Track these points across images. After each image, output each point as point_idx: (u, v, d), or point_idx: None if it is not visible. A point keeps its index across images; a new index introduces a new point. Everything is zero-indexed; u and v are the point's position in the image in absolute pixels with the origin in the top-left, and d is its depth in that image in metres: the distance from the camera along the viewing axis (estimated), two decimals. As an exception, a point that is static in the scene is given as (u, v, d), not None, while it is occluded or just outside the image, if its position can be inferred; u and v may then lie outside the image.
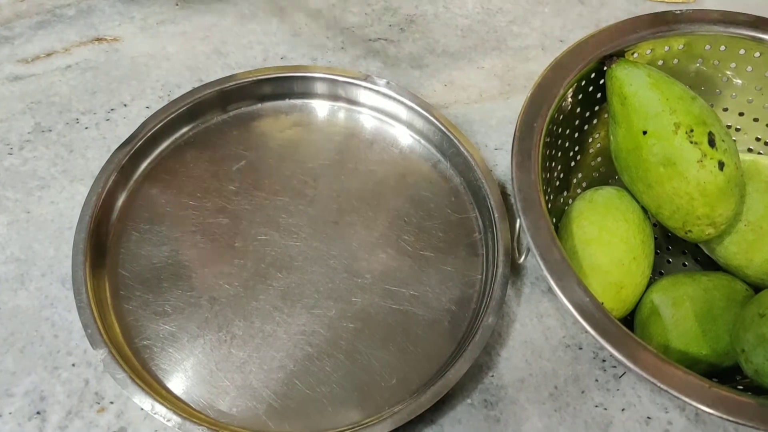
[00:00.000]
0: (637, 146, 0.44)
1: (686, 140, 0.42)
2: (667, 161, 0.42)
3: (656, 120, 0.43)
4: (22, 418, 0.44)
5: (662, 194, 0.44)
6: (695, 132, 0.42)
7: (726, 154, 0.43)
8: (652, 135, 0.43)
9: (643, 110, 0.43)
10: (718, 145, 0.42)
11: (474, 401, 0.46)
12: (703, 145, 0.42)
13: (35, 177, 0.54)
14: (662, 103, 0.43)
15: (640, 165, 0.44)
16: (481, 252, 0.51)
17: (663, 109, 0.43)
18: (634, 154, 0.44)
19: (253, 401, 0.45)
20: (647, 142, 0.43)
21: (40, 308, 0.48)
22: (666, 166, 0.42)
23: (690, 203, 0.43)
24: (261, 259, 0.50)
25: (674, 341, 0.44)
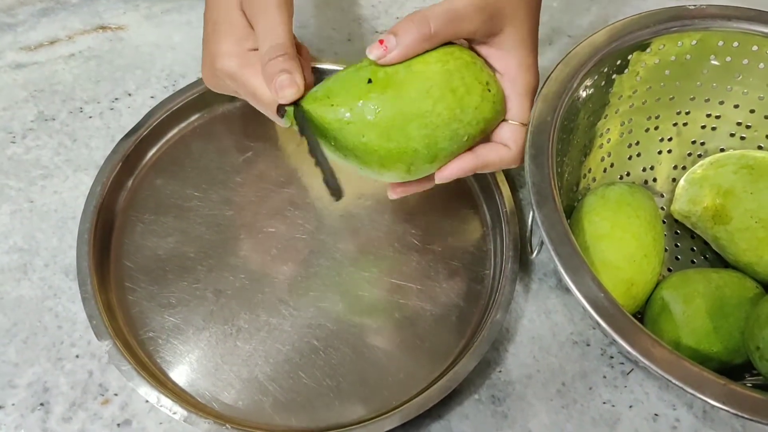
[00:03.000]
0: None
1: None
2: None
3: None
4: (25, 410, 0.44)
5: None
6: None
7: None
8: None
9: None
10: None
11: (481, 397, 0.46)
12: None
13: (38, 166, 0.54)
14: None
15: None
16: (489, 247, 0.51)
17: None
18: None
19: (258, 394, 0.44)
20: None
21: (44, 299, 0.48)
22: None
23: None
24: (267, 252, 0.49)
25: (685, 338, 0.43)
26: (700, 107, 0.52)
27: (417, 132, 0.39)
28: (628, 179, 0.54)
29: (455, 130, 0.40)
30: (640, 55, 0.48)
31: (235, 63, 0.42)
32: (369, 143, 0.39)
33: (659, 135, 0.53)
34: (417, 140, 0.40)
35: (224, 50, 0.42)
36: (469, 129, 0.41)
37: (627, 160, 0.53)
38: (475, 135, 0.42)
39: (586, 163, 0.51)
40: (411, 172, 0.42)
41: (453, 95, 0.40)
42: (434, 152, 0.40)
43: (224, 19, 0.43)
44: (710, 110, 0.52)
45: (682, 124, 0.53)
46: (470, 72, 0.41)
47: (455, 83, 0.40)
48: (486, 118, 0.41)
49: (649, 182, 0.54)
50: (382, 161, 0.40)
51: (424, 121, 0.39)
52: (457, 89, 0.40)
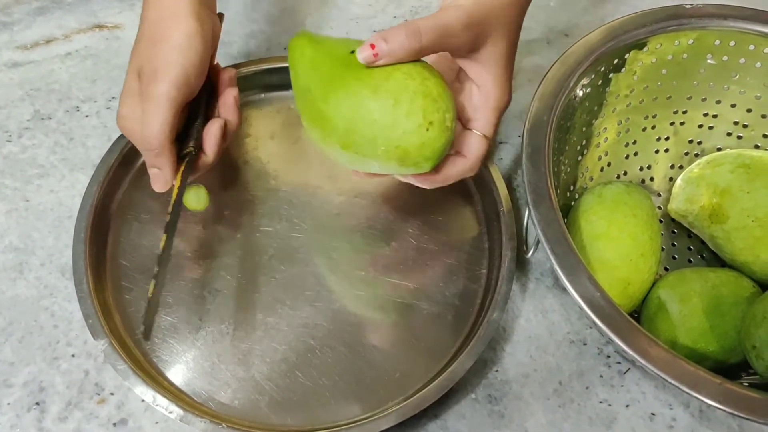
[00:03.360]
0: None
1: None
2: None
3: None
4: (20, 409, 0.44)
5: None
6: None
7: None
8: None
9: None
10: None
11: (478, 396, 0.46)
12: None
13: (34, 165, 0.53)
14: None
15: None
16: (486, 246, 0.51)
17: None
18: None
19: (255, 393, 0.44)
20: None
21: (39, 298, 0.48)
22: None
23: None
24: (263, 251, 0.49)
25: (682, 337, 0.43)
26: (697, 106, 0.52)
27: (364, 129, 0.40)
28: (625, 178, 0.54)
29: (380, 144, 0.40)
30: (637, 54, 0.48)
31: (128, 130, 0.45)
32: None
33: (656, 134, 0.53)
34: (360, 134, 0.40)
35: (122, 113, 0.45)
36: (389, 152, 0.40)
37: (624, 159, 0.53)
38: (396, 156, 0.41)
39: (583, 162, 0.51)
40: (358, 162, 0.42)
41: (393, 111, 0.39)
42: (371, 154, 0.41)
43: (127, 81, 0.45)
44: (707, 109, 0.52)
45: (679, 123, 0.53)
46: (422, 101, 0.39)
47: (403, 103, 0.39)
48: (406, 149, 0.40)
49: (646, 181, 0.54)
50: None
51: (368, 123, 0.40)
52: (399, 107, 0.39)
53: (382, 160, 0.40)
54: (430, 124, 0.39)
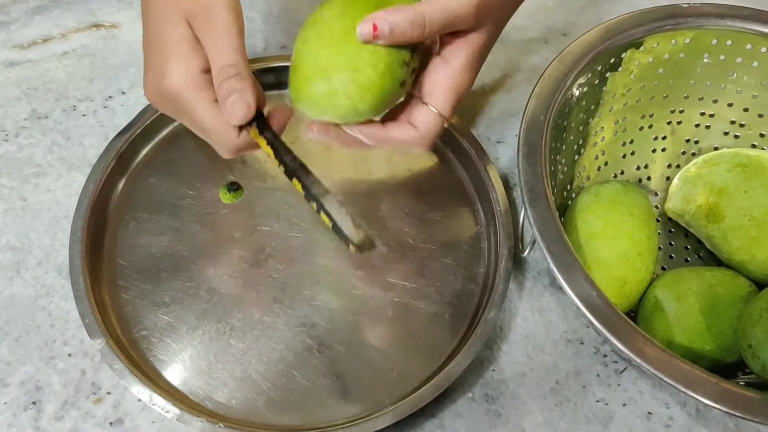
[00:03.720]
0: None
1: None
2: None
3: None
4: (17, 409, 0.44)
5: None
6: None
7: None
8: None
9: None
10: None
11: (475, 395, 0.46)
12: None
13: (31, 164, 0.53)
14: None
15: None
16: (483, 245, 0.51)
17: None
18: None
19: (252, 393, 0.44)
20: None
21: (36, 297, 0.48)
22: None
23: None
24: (261, 250, 0.49)
25: (678, 336, 0.43)
26: (693, 106, 0.52)
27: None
28: (622, 178, 0.54)
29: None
30: (634, 54, 0.48)
31: (187, 86, 0.40)
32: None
33: (653, 133, 0.53)
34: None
35: (173, 68, 0.40)
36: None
37: (621, 158, 0.53)
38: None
39: (580, 161, 0.51)
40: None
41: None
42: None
43: (169, 35, 0.40)
44: (704, 109, 0.52)
45: (676, 123, 0.53)
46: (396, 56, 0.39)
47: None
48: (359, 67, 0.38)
49: (643, 181, 0.54)
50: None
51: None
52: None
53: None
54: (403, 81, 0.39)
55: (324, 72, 0.38)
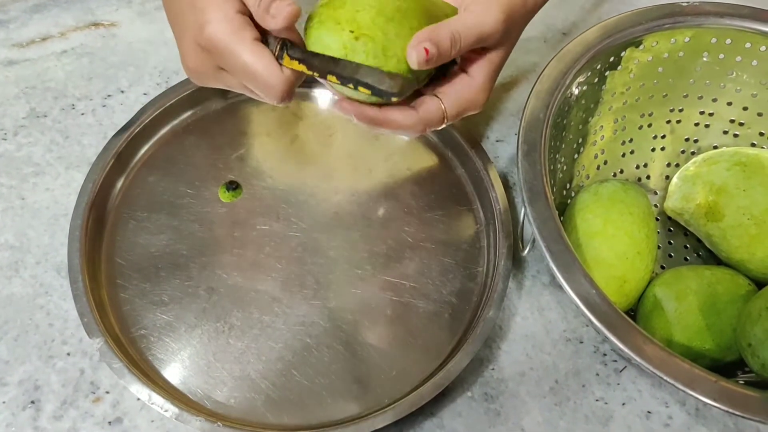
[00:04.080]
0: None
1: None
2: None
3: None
4: (16, 408, 0.44)
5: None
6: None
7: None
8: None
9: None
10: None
11: (474, 394, 0.46)
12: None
13: (30, 163, 0.53)
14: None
15: None
16: (482, 244, 0.51)
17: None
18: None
19: (251, 392, 0.44)
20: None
21: (35, 296, 0.48)
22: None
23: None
24: (260, 249, 0.49)
25: (677, 335, 0.43)
26: (693, 104, 0.52)
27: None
28: (621, 176, 0.54)
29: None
30: (633, 52, 0.48)
31: (226, 29, 0.39)
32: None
33: (652, 132, 0.53)
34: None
35: (210, 17, 0.39)
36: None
37: (620, 157, 0.53)
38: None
39: (579, 160, 0.51)
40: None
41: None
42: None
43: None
44: (703, 107, 0.52)
45: (675, 122, 0.53)
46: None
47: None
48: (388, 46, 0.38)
49: (643, 179, 0.54)
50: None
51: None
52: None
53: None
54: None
55: (358, 28, 0.37)
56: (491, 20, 0.39)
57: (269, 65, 0.39)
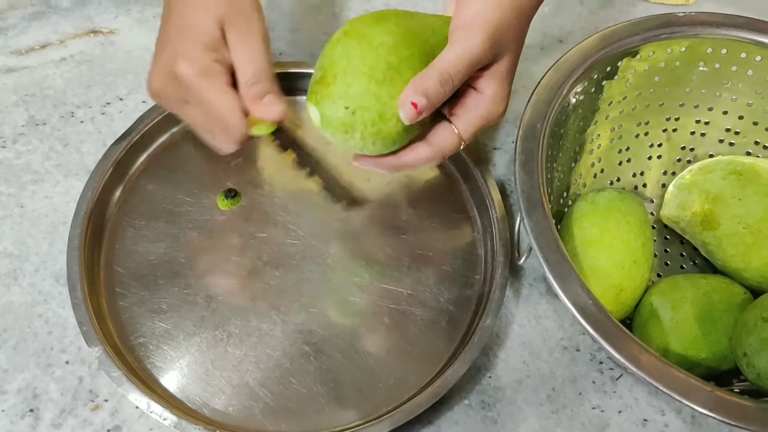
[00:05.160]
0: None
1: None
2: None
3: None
4: (14, 416, 0.44)
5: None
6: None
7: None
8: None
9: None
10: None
11: (471, 402, 0.46)
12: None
13: (29, 171, 0.53)
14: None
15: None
16: (479, 252, 0.51)
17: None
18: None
19: (249, 400, 0.44)
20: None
21: (34, 304, 0.48)
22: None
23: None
24: (258, 257, 0.49)
25: (673, 344, 0.44)
26: (689, 113, 0.52)
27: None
28: (618, 185, 0.54)
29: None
30: (630, 62, 0.49)
31: (197, 69, 0.41)
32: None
33: (649, 141, 0.53)
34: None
35: (188, 53, 0.41)
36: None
37: (617, 165, 0.54)
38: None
39: (576, 168, 0.51)
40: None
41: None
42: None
43: (193, 25, 0.42)
44: (699, 116, 0.52)
45: (671, 130, 0.53)
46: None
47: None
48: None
49: (639, 188, 0.54)
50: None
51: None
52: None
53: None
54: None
55: (352, 102, 0.39)
56: (475, 44, 0.39)
57: (235, 113, 0.41)
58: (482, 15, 0.39)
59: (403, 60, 0.39)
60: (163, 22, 0.44)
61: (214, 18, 0.42)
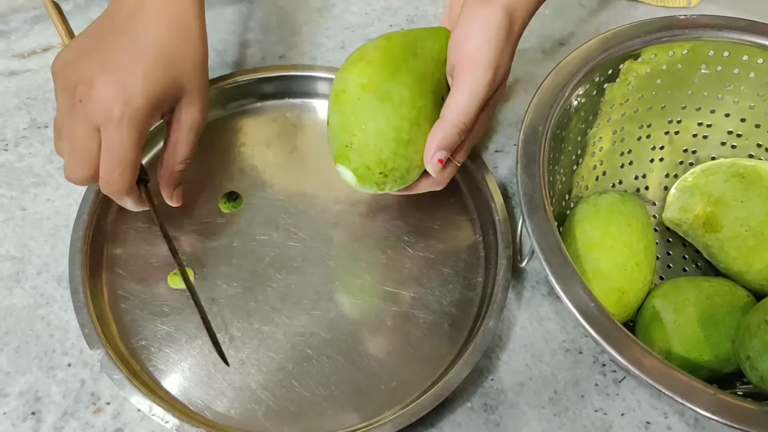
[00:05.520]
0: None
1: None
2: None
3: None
4: (16, 419, 0.44)
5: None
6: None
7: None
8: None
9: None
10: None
11: (474, 405, 0.46)
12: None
13: (31, 174, 0.54)
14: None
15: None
16: (482, 254, 0.51)
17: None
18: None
19: (251, 403, 0.44)
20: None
21: (36, 307, 0.48)
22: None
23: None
24: (260, 260, 0.50)
25: (676, 347, 0.44)
26: (691, 116, 0.52)
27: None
28: (620, 187, 0.54)
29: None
30: (632, 64, 0.49)
31: (128, 114, 0.40)
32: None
33: (651, 143, 0.53)
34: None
35: (129, 90, 0.40)
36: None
37: (619, 168, 0.54)
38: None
39: (578, 171, 0.51)
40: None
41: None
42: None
43: (151, 62, 0.41)
44: (701, 119, 0.52)
45: (673, 133, 0.53)
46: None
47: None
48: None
49: (641, 190, 0.54)
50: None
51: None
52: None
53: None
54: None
55: (384, 166, 0.43)
56: (484, 86, 0.41)
57: (131, 177, 0.42)
58: (482, 51, 0.41)
59: (420, 112, 0.42)
60: (115, 26, 0.43)
61: (176, 76, 0.42)
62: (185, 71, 0.43)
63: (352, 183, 0.44)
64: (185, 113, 0.44)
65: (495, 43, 0.41)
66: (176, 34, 0.42)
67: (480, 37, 0.41)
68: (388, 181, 0.43)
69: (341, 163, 0.43)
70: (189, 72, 0.43)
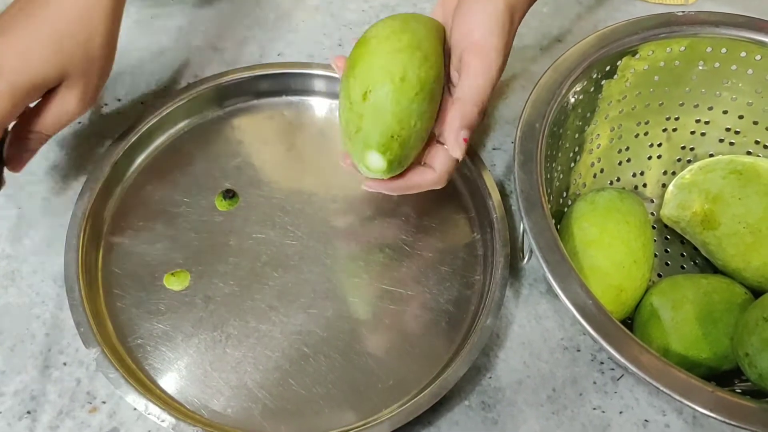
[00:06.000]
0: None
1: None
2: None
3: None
4: (12, 418, 0.43)
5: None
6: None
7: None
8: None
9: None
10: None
11: (471, 403, 0.46)
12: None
13: (26, 172, 0.52)
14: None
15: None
16: (479, 252, 0.51)
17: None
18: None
19: (248, 401, 0.44)
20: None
21: (31, 306, 0.47)
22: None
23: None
24: (257, 258, 0.49)
25: (674, 344, 0.43)
26: (689, 113, 0.52)
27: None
28: (618, 184, 0.54)
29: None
30: (629, 61, 0.49)
31: (22, 89, 0.42)
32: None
33: (649, 140, 0.53)
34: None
35: (12, 70, 0.41)
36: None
37: (617, 165, 0.53)
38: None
39: (576, 168, 0.51)
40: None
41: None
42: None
43: (38, 50, 0.42)
44: (699, 116, 0.52)
45: (671, 130, 0.53)
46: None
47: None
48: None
49: (639, 187, 0.54)
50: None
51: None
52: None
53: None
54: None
55: (413, 154, 0.44)
56: (496, 67, 0.42)
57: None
58: (490, 39, 0.42)
59: (434, 94, 0.43)
60: (29, 9, 0.44)
61: (62, 61, 0.43)
62: (74, 58, 0.43)
63: (381, 168, 0.43)
64: (60, 94, 0.44)
65: (500, 32, 0.42)
66: (77, 23, 0.43)
67: (486, 27, 0.42)
68: (404, 166, 0.44)
69: (378, 152, 0.42)
70: (78, 59, 0.43)
